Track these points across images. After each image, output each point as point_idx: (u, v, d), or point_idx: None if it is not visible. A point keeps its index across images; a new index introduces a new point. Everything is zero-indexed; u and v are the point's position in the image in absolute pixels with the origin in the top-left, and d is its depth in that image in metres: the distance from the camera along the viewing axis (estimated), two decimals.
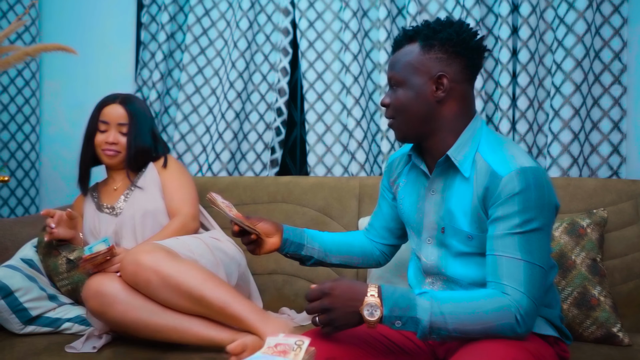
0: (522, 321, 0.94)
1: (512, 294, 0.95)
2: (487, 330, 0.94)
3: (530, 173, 0.98)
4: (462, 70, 1.06)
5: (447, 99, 1.07)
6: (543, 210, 0.98)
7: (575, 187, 1.59)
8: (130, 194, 1.64)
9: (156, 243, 1.38)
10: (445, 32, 1.05)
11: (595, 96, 1.76)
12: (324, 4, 1.99)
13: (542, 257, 0.98)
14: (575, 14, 1.72)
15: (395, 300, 0.95)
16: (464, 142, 1.08)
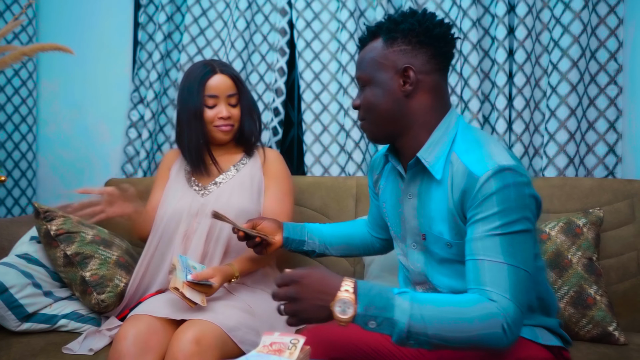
0: (509, 331, 0.86)
1: (498, 301, 0.87)
2: (470, 340, 0.86)
3: (510, 171, 0.91)
4: (428, 60, 1.00)
5: (415, 92, 1.01)
6: (525, 210, 0.91)
7: (571, 187, 1.59)
8: (226, 180, 1.51)
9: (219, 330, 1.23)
10: (407, 22, 1.00)
11: (591, 96, 1.77)
12: (321, 4, 1.99)
13: (526, 260, 0.91)
14: (571, 14, 1.72)
15: (371, 298, 0.86)
16: (437, 140, 1.01)
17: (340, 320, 0.86)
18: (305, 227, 1.30)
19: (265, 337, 0.86)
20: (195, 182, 1.53)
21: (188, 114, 1.49)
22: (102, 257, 1.52)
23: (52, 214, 1.54)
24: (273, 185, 1.53)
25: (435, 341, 0.86)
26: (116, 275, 1.51)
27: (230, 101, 1.51)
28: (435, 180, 1.01)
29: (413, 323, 0.85)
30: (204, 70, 1.50)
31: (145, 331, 1.24)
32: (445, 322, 0.86)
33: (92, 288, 1.47)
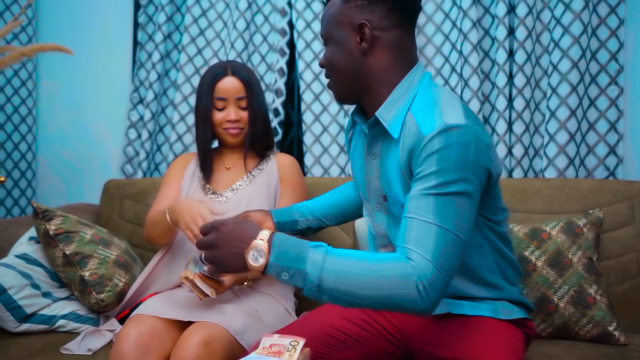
0: (426, 294, 0.82)
1: (416, 261, 0.83)
2: (384, 299, 0.82)
3: (456, 130, 0.87)
4: (386, 15, 0.96)
5: (373, 50, 0.97)
6: (466, 172, 0.86)
7: (571, 188, 1.59)
8: (243, 187, 1.50)
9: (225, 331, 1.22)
10: None
11: (591, 97, 1.77)
12: (321, 5, 1.99)
13: (460, 225, 0.85)
14: (571, 15, 1.72)
15: (285, 248, 0.84)
16: (396, 98, 0.97)
17: (253, 267, 0.84)
18: (293, 207, 1.31)
19: (264, 339, 0.85)
20: (210, 189, 1.52)
21: (199, 116, 1.51)
22: (101, 256, 1.52)
23: (50, 213, 1.53)
24: (289, 193, 1.52)
25: (347, 297, 0.83)
26: (115, 275, 1.50)
27: (240, 104, 1.50)
28: (393, 139, 0.98)
29: (324, 277, 0.83)
30: (216, 72, 1.50)
31: (147, 333, 1.22)
32: (357, 278, 0.82)
33: (91, 288, 1.46)
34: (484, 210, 0.98)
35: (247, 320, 1.29)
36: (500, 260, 1.04)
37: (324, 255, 0.84)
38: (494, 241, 1.02)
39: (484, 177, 0.90)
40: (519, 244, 1.44)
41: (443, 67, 1.90)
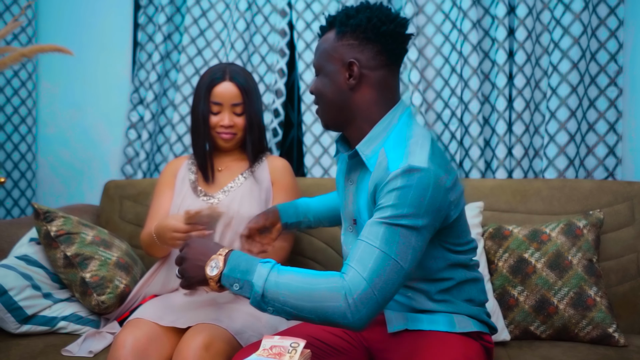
0: (355, 307, 0.88)
1: (350, 276, 0.91)
2: (316, 311, 0.90)
3: (418, 173, 0.94)
4: (374, 56, 1.04)
5: (359, 87, 1.05)
6: (420, 210, 0.93)
7: (571, 189, 1.59)
8: (235, 189, 1.50)
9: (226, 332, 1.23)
10: (357, 18, 1.03)
11: (591, 98, 1.77)
12: (320, 5, 1.99)
13: (403, 254, 0.92)
14: (571, 15, 1.72)
15: (237, 263, 0.94)
16: (376, 135, 1.05)
17: (209, 277, 0.95)
18: (298, 207, 1.38)
19: (265, 340, 0.86)
20: (202, 192, 1.52)
21: (196, 118, 1.52)
22: (102, 258, 1.52)
23: (52, 214, 1.53)
24: (281, 196, 1.53)
25: (287, 308, 0.91)
26: (116, 277, 1.50)
27: (235, 110, 1.50)
28: (369, 171, 1.06)
29: (268, 288, 0.91)
30: (214, 76, 1.51)
31: (144, 338, 1.22)
32: (295, 290, 0.91)
33: (92, 289, 1.46)
34: (445, 241, 1.06)
35: (246, 319, 1.29)
36: (467, 282, 1.11)
37: (269, 269, 0.93)
38: (456, 267, 1.09)
39: (438, 217, 0.97)
40: (518, 246, 1.44)
41: (443, 67, 1.90)
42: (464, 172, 1.88)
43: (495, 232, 1.49)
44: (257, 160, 1.57)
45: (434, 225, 0.97)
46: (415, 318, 1.08)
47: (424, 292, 1.08)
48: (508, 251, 1.45)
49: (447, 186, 0.97)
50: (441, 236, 1.03)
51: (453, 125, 1.88)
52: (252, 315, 1.32)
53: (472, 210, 1.51)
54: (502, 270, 1.44)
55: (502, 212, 1.61)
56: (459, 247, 1.09)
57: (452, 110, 1.88)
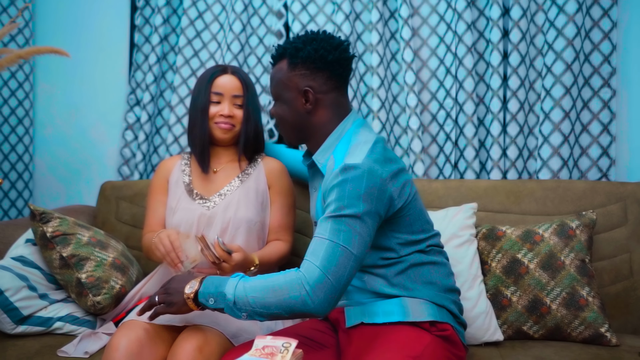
0: (313, 294, 1.00)
1: (305, 267, 1.02)
2: (282, 304, 1.01)
3: (351, 168, 1.07)
4: (326, 82, 1.19)
5: (316, 110, 1.20)
6: (358, 200, 1.05)
7: (564, 190, 1.60)
8: (231, 192, 1.50)
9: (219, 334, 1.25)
10: (305, 50, 1.17)
11: (585, 99, 1.78)
12: (316, 7, 2.00)
13: (349, 241, 1.03)
14: (565, 17, 1.73)
15: (212, 280, 1.08)
16: (329, 145, 1.21)
17: (187, 295, 1.08)
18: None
19: (257, 340, 0.86)
20: (197, 194, 1.51)
21: (196, 110, 1.52)
22: (98, 259, 1.53)
23: (48, 215, 1.54)
24: (279, 200, 1.54)
25: (258, 309, 1.03)
26: (112, 277, 1.51)
27: (236, 101, 1.51)
28: (324, 177, 1.19)
29: (238, 294, 1.03)
30: (215, 70, 1.54)
31: (138, 341, 1.21)
32: (260, 290, 1.03)
33: (87, 290, 1.47)
34: (395, 230, 1.15)
35: (243, 322, 1.29)
36: (419, 265, 1.17)
37: (238, 279, 1.06)
38: (407, 248, 1.16)
39: (379, 204, 1.08)
40: (512, 246, 1.45)
41: (438, 69, 1.91)
42: (459, 173, 1.89)
43: (489, 233, 1.50)
44: (253, 162, 1.57)
45: (377, 211, 1.07)
46: (372, 312, 1.15)
47: (380, 275, 1.16)
48: (501, 252, 1.46)
49: (383, 176, 1.08)
50: (392, 225, 1.13)
51: (448, 126, 1.89)
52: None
53: (466, 212, 1.51)
54: (496, 271, 1.45)
55: (495, 212, 1.62)
56: (412, 235, 1.16)
57: (447, 112, 1.89)
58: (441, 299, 1.16)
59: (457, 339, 1.16)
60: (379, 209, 1.07)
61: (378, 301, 1.16)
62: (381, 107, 1.90)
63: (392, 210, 1.11)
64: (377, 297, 1.16)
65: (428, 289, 1.16)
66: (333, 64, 1.19)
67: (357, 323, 1.15)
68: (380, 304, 1.15)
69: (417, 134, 1.85)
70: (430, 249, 1.19)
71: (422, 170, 1.86)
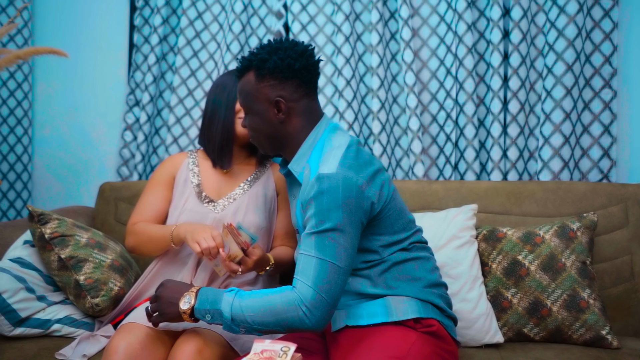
0: (310, 313, 1.03)
1: (299, 288, 1.04)
2: (280, 323, 1.04)
3: (326, 179, 1.07)
4: (296, 89, 1.18)
5: (289, 118, 1.19)
6: (337, 212, 1.05)
7: (565, 191, 1.60)
8: (240, 195, 1.49)
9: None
10: (271, 60, 1.16)
11: (585, 100, 1.77)
12: (316, 8, 1.99)
13: (335, 255, 1.05)
14: (566, 18, 1.73)
15: (207, 295, 1.09)
16: (304, 152, 1.20)
17: (183, 311, 1.10)
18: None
19: (256, 344, 0.86)
20: (206, 197, 1.49)
21: (219, 105, 1.47)
22: (97, 260, 1.52)
23: (46, 216, 1.53)
24: (286, 207, 1.52)
25: (256, 326, 1.06)
26: (110, 279, 1.50)
27: None
28: (301, 185, 1.19)
29: (234, 312, 1.06)
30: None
31: (137, 344, 1.21)
32: (258, 310, 1.05)
33: (86, 292, 1.46)
34: (377, 232, 1.15)
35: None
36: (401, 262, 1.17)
37: (233, 296, 1.07)
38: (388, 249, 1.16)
39: (359, 212, 1.08)
40: (512, 248, 1.44)
41: (438, 69, 1.90)
42: (459, 174, 1.89)
43: (489, 234, 1.49)
44: (262, 166, 1.56)
45: (358, 220, 1.08)
46: (356, 314, 1.15)
47: (363, 276, 1.16)
48: (502, 253, 1.45)
49: (359, 183, 1.08)
50: (373, 228, 1.14)
51: (448, 127, 1.88)
52: None
53: (466, 213, 1.51)
54: (496, 272, 1.44)
55: (496, 214, 1.61)
56: (393, 235, 1.16)
57: (447, 112, 1.88)
58: (425, 294, 1.16)
59: (444, 333, 1.15)
60: (360, 216, 1.08)
61: (362, 303, 1.15)
62: (381, 108, 1.89)
63: (373, 214, 1.12)
64: (361, 298, 1.16)
65: (412, 286, 1.16)
66: (301, 72, 1.18)
67: (342, 327, 1.15)
68: (364, 306, 1.15)
69: (417, 135, 1.85)
70: (413, 246, 1.19)
71: (422, 171, 1.85)
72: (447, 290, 1.24)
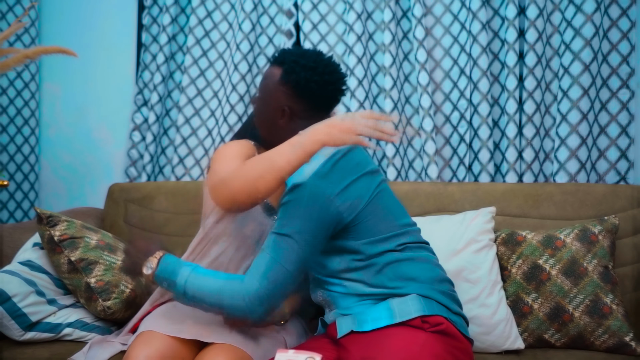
0: (251, 305, 1.08)
1: (247, 281, 1.10)
2: (223, 307, 1.11)
3: (295, 187, 1.11)
4: (305, 109, 1.21)
5: (287, 127, 1.21)
6: (298, 220, 1.10)
7: (584, 193, 1.57)
8: None
9: None
10: (299, 75, 1.19)
11: (603, 100, 1.74)
12: (327, 6, 1.96)
13: (286, 258, 1.09)
14: (583, 17, 1.70)
15: (167, 265, 1.13)
16: None
17: (145, 275, 1.15)
18: None
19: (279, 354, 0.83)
20: (273, 210, 1.34)
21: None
22: (107, 262, 1.49)
23: (55, 218, 1.51)
24: None
25: (204, 305, 1.12)
26: (122, 281, 1.48)
27: None
28: None
29: (187, 287, 1.11)
30: None
31: (157, 355, 1.13)
32: (207, 291, 1.11)
33: (97, 295, 1.44)
34: (358, 238, 1.14)
35: (270, 343, 1.21)
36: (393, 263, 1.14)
37: (189, 272, 1.12)
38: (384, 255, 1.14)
39: (322, 222, 1.11)
40: (532, 252, 1.41)
41: (452, 69, 1.87)
42: (473, 176, 1.86)
43: (508, 238, 1.46)
44: None
45: (321, 228, 1.11)
46: (361, 320, 1.13)
47: (358, 280, 1.15)
48: (522, 257, 1.42)
49: (327, 193, 1.10)
50: (349, 233, 1.14)
51: (462, 128, 1.85)
52: (277, 339, 1.25)
53: (484, 216, 1.48)
54: (516, 277, 1.41)
55: (513, 217, 1.58)
56: (374, 235, 1.15)
57: (461, 113, 1.86)
58: (427, 290, 1.13)
59: (454, 331, 1.11)
60: (324, 226, 1.11)
61: (366, 308, 1.13)
62: (394, 108, 1.87)
63: (344, 223, 1.13)
64: (362, 298, 1.15)
65: (411, 284, 1.13)
66: (318, 98, 1.21)
67: (348, 332, 1.13)
68: (368, 312, 1.13)
69: (431, 136, 1.82)
70: (405, 247, 1.16)
71: (435, 172, 1.82)
72: (453, 288, 1.20)
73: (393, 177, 1.87)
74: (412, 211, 1.63)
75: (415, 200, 1.65)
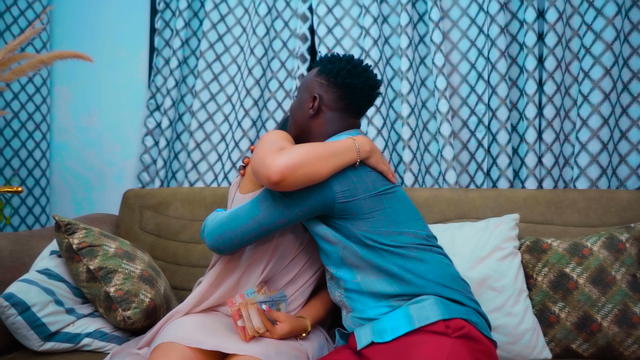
0: (206, 233, 1.24)
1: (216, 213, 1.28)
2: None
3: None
4: (336, 99, 1.27)
5: (316, 117, 1.28)
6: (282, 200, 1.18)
7: (608, 200, 1.55)
8: None
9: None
10: (334, 65, 1.27)
11: (624, 105, 1.72)
12: (342, 10, 1.95)
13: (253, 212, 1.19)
14: (603, 20, 1.68)
15: None
16: None
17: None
18: None
19: None
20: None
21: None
22: (126, 271, 1.47)
23: (73, 226, 1.49)
24: None
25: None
26: (141, 290, 1.46)
27: None
28: None
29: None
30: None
31: None
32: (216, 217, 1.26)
33: (117, 304, 1.42)
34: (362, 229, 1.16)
35: (291, 354, 1.19)
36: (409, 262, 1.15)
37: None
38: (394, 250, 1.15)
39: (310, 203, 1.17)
40: (559, 260, 1.39)
41: (469, 73, 1.86)
42: (491, 181, 1.84)
43: (533, 245, 1.44)
44: None
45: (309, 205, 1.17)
46: (380, 328, 1.11)
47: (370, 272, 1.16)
48: (547, 265, 1.40)
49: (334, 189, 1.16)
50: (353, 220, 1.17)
51: (480, 133, 1.84)
52: (298, 349, 1.23)
53: (508, 222, 1.46)
54: (542, 285, 1.39)
55: (536, 224, 1.56)
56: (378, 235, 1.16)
57: (479, 118, 1.84)
58: (441, 289, 1.12)
59: (477, 333, 1.08)
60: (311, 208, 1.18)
61: (382, 314, 1.13)
62: (411, 113, 1.85)
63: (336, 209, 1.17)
64: (378, 299, 1.15)
65: (424, 282, 1.12)
66: (348, 87, 1.26)
67: (368, 343, 1.11)
68: (386, 320, 1.11)
69: (449, 141, 1.80)
70: (418, 247, 1.16)
71: (454, 178, 1.80)
72: (469, 288, 1.18)
73: (410, 182, 1.85)
74: (433, 218, 1.62)
75: (436, 207, 1.63)
